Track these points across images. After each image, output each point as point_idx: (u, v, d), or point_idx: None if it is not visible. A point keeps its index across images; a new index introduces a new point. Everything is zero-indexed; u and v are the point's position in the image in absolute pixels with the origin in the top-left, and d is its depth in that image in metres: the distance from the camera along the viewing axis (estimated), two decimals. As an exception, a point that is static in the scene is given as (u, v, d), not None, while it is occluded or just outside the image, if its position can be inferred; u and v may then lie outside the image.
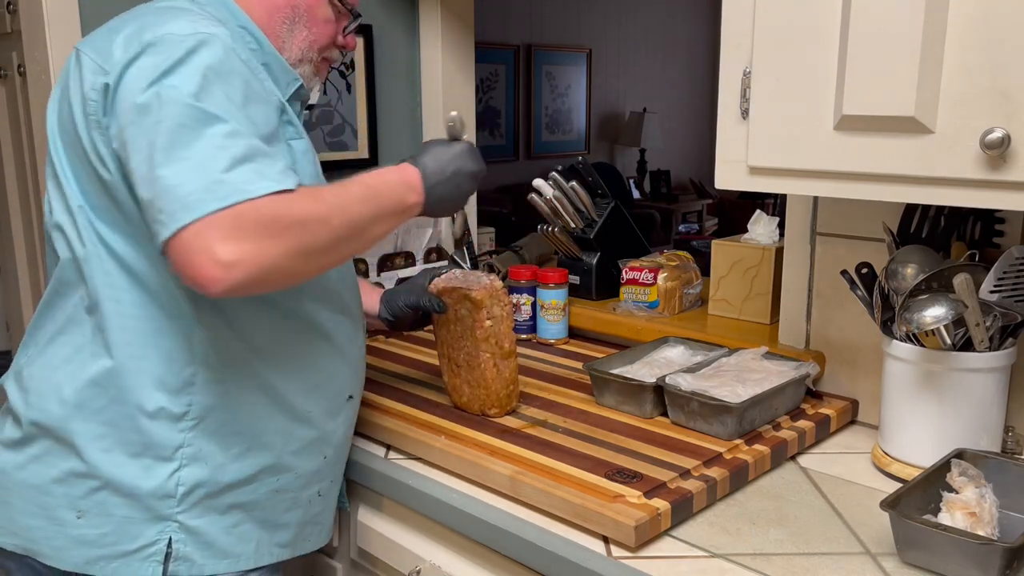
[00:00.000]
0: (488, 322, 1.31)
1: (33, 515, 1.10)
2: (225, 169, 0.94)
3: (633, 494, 1.08)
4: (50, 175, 1.13)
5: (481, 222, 2.32)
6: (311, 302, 1.16)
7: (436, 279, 1.40)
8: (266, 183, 0.95)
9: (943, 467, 1.06)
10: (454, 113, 1.24)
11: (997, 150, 0.90)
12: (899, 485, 1.07)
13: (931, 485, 1.05)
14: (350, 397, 1.25)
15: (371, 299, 1.46)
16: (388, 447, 1.36)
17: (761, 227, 1.70)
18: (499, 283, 1.34)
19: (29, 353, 1.16)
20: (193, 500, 1.10)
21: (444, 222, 2.16)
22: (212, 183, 0.93)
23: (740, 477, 1.18)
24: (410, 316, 1.44)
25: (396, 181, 1.11)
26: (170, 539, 1.10)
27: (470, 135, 2.23)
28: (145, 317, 1.08)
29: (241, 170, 0.94)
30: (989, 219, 1.25)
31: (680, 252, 1.92)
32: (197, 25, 1.02)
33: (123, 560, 1.09)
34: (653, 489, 1.10)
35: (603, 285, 1.90)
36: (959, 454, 1.08)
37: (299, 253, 0.97)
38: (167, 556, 1.10)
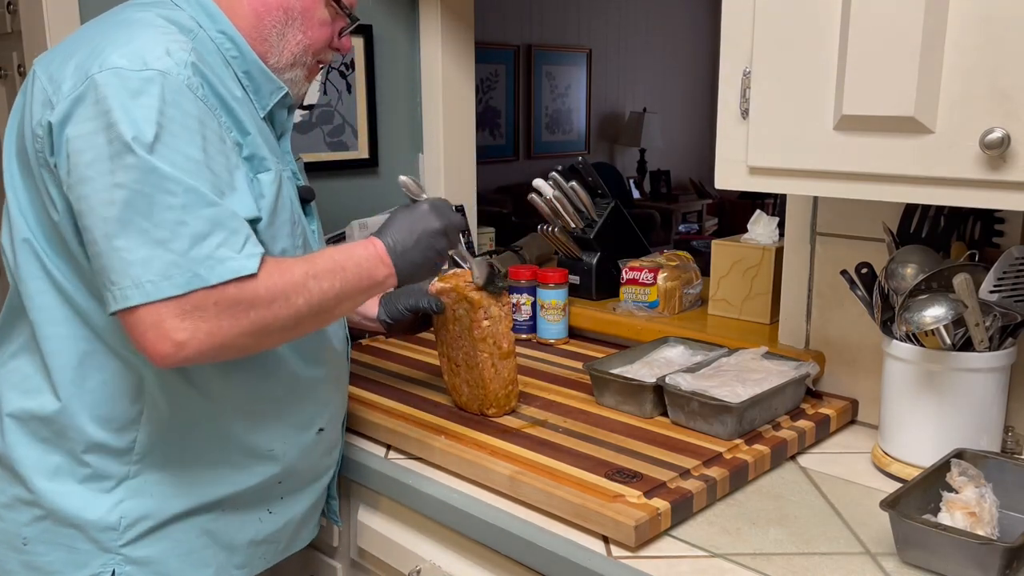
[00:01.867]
0: (486, 322, 1.31)
1: None
2: (184, 251, 0.91)
3: (633, 494, 1.08)
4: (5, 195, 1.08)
5: (481, 222, 2.32)
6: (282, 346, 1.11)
7: (435, 279, 1.39)
8: (226, 267, 0.92)
9: (943, 467, 1.06)
10: (403, 177, 1.24)
11: (997, 150, 0.90)
12: (899, 485, 1.07)
13: (931, 485, 1.05)
14: (321, 430, 1.21)
15: (371, 303, 1.45)
16: (388, 447, 1.36)
17: (761, 227, 1.70)
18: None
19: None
20: (137, 532, 1.08)
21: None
22: (169, 265, 0.90)
23: (740, 477, 1.18)
24: (409, 319, 1.42)
25: (363, 256, 1.07)
26: (114, 571, 1.07)
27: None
28: (89, 356, 1.05)
29: (202, 248, 0.91)
30: (989, 219, 1.25)
31: (680, 252, 1.92)
32: (147, 55, 0.95)
33: None
34: (653, 489, 1.10)
35: (603, 285, 1.90)
36: (959, 454, 1.08)
37: (257, 333, 0.96)
38: None
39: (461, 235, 1.25)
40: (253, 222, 1.00)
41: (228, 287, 0.92)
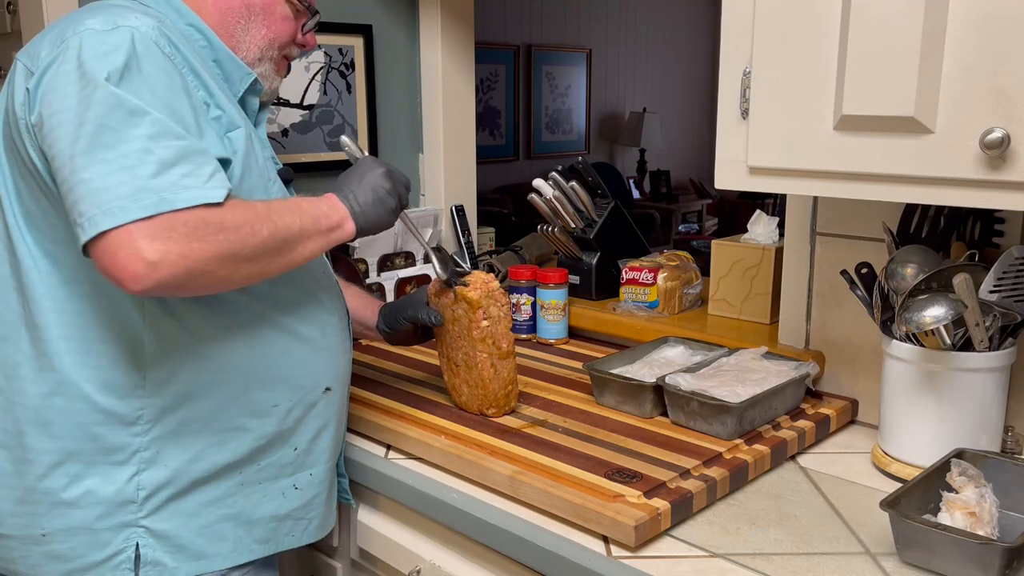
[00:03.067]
0: (485, 322, 1.31)
1: (7, 533, 1.10)
2: (151, 175, 0.93)
3: (633, 494, 1.08)
4: None
5: (481, 222, 2.32)
6: (271, 291, 1.14)
7: (432, 280, 1.39)
8: (192, 194, 0.94)
9: (943, 467, 1.06)
10: (343, 137, 1.34)
11: (997, 150, 0.90)
12: (899, 485, 1.07)
13: (931, 485, 1.05)
14: (327, 389, 1.21)
15: (371, 311, 1.45)
16: (388, 447, 1.36)
17: (761, 227, 1.70)
18: (495, 283, 1.33)
19: None
20: (156, 503, 1.09)
21: (445, 227, 2.16)
22: (137, 190, 0.92)
23: (740, 477, 1.18)
24: (409, 329, 1.42)
25: (318, 201, 1.11)
26: (137, 545, 1.08)
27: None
28: (88, 324, 1.06)
29: (168, 176, 0.94)
30: (989, 219, 1.25)
31: (680, 252, 1.92)
32: (119, 19, 1.01)
33: (94, 571, 1.08)
34: (653, 489, 1.10)
35: (603, 285, 1.90)
36: (959, 454, 1.08)
37: (226, 258, 0.97)
38: (136, 562, 1.08)
39: (449, 276, 1.32)
40: (223, 163, 1.03)
41: (196, 211, 0.94)
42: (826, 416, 1.35)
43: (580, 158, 2.00)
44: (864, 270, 1.25)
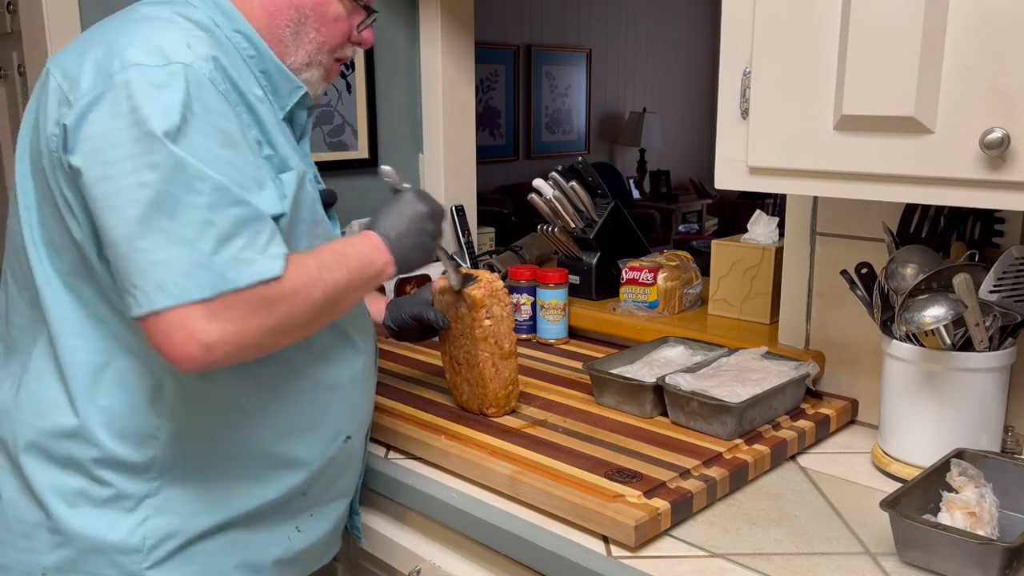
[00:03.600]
0: (487, 321, 1.31)
1: (7, 565, 1.06)
2: (211, 252, 0.89)
3: (633, 494, 1.08)
4: (15, 194, 1.05)
5: (481, 222, 2.32)
6: (307, 341, 1.07)
7: (438, 278, 1.39)
8: (253, 269, 0.91)
9: (943, 467, 1.06)
10: (385, 167, 1.24)
11: (997, 150, 0.90)
12: (899, 485, 1.07)
13: (931, 485, 1.05)
14: (348, 438, 1.17)
15: (377, 306, 1.44)
16: (388, 447, 1.36)
17: (761, 227, 1.70)
18: (499, 283, 1.33)
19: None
20: (163, 553, 1.04)
21: (448, 232, 2.16)
22: (195, 267, 0.88)
23: (740, 477, 1.18)
24: (414, 328, 1.41)
25: (362, 245, 1.08)
26: None
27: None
28: (108, 365, 1.02)
29: (228, 250, 0.90)
30: (989, 219, 1.25)
31: (680, 252, 1.92)
32: (167, 47, 0.93)
33: None
34: (653, 489, 1.10)
35: (603, 285, 1.90)
36: (959, 454, 1.08)
37: (280, 329, 0.95)
38: None
39: (460, 287, 1.29)
40: (277, 218, 0.98)
41: (258, 288, 0.91)
42: (826, 416, 1.35)
43: (580, 158, 2.00)
44: (864, 270, 1.25)
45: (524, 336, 1.79)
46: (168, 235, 0.88)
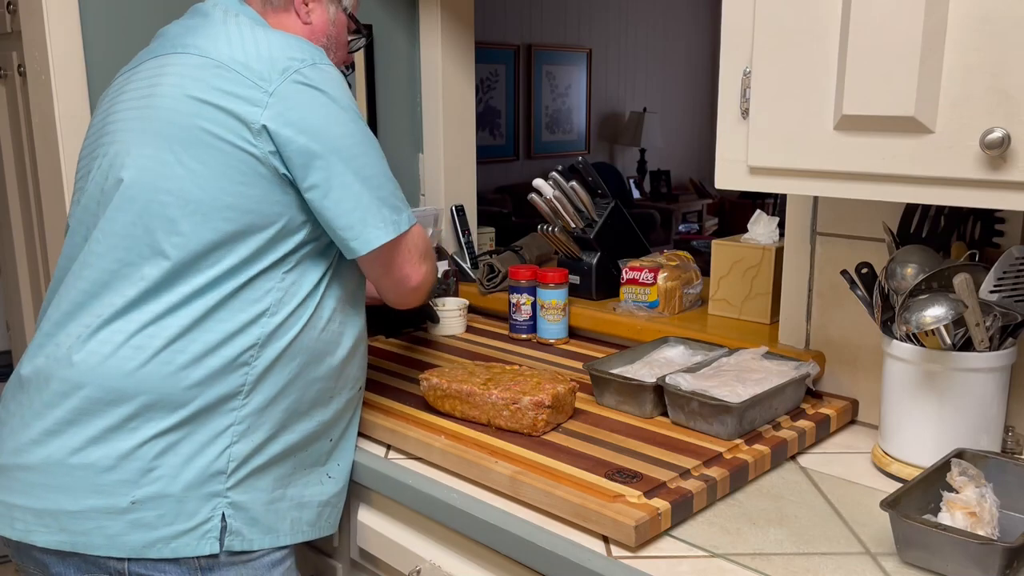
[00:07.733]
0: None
1: (85, 504, 1.08)
2: (400, 198, 1.21)
3: (633, 494, 1.08)
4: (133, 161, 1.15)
5: (481, 222, 2.32)
6: (359, 296, 1.30)
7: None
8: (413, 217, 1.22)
9: (943, 467, 1.06)
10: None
11: (997, 150, 0.90)
12: (899, 485, 1.07)
13: (931, 485, 1.05)
14: (361, 387, 1.33)
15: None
16: (388, 447, 1.36)
17: (761, 227, 1.70)
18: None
19: (85, 324, 1.12)
20: (240, 476, 1.14)
21: (445, 227, 2.16)
22: (400, 204, 1.20)
23: (740, 477, 1.18)
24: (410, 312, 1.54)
25: None
26: (223, 515, 1.13)
27: (470, 134, 2.24)
28: (236, 282, 1.13)
29: (398, 197, 1.21)
30: (989, 219, 1.25)
31: (680, 252, 1.92)
32: (319, 55, 1.17)
33: (181, 540, 1.11)
34: (653, 489, 1.10)
35: (603, 285, 1.90)
36: (959, 454, 1.08)
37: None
38: (223, 531, 1.12)
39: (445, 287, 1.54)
40: None
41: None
42: (826, 416, 1.35)
43: (580, 158, 2.00)
44: (864, 270, 1.25)
45: (524, 336, 1.79)
46: (377, 187, 1.20)
